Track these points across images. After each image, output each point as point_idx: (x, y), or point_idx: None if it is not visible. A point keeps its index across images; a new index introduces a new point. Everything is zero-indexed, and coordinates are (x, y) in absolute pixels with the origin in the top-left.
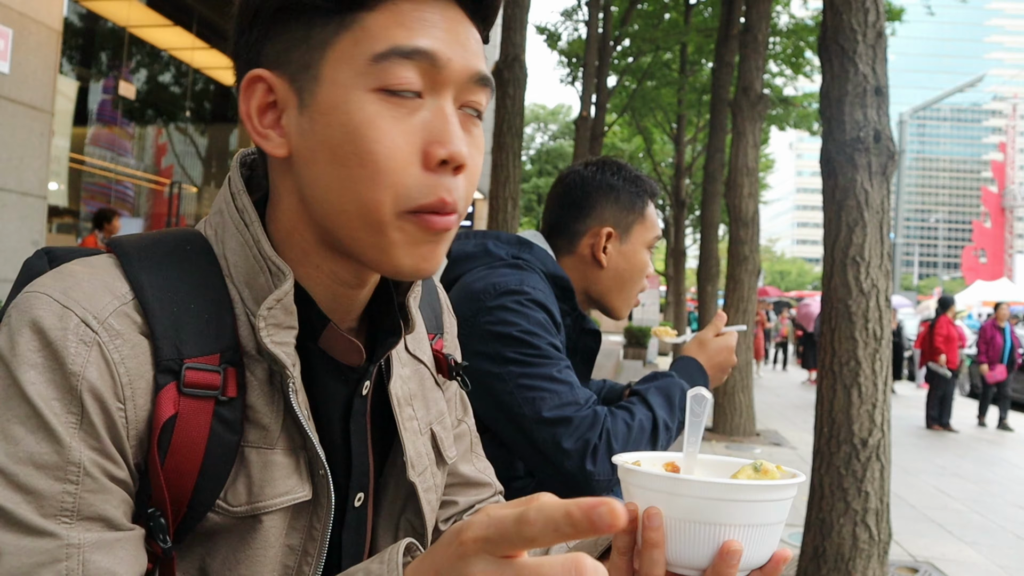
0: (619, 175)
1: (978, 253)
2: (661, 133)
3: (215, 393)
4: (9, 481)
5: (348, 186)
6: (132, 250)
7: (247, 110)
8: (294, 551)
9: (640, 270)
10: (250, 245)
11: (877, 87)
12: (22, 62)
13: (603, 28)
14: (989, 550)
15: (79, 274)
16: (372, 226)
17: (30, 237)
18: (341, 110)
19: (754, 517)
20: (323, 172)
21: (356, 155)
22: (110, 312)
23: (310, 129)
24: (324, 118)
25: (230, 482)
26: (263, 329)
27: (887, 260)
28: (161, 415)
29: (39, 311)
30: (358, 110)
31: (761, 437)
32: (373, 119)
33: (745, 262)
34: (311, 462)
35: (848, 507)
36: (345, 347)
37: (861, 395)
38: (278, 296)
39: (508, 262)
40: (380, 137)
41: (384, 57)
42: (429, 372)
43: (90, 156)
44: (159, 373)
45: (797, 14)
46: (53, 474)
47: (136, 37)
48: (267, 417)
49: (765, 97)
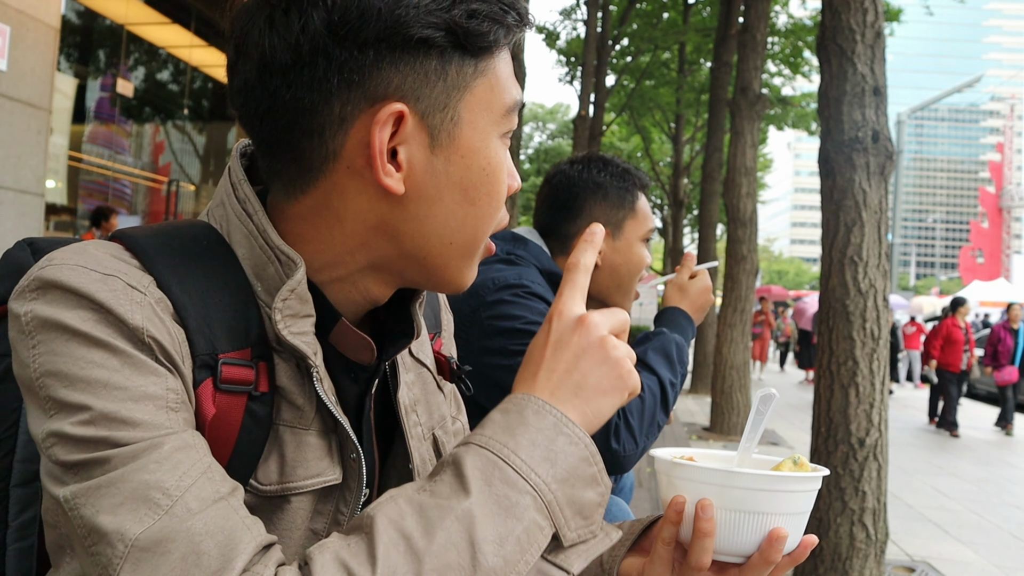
0: (606, 171)
1: (975, 253)
2: (659, 132)
3: (248, 388)
4: (116, 419)
5: (470, 222)
6: (147, 245)
7: (379, 145)
8: (318, 535)
9: (637, 264)
10: (255, 236)
11: (875, 87)
12: (20, 59)
13: (602, 27)
14: (986, 550)
15: (101, 252)
16: (469, 255)
17: (27, 235)
18: (482, 154)
19: (794, 506)
20: (447, 209)
21: (488, 195)
22: (148, 282)
23: (444, 170)
24: (464, 160)
25: (262, 461)
26: (280, 321)
27: (885, 260)
28: (205, 414)
29: (78, 279)
30: (495, 154)
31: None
32: (504, 162)
33: (743, 261)
34: (342, 445)
35: (845, 506)
36: (356, 344)
37: (859, 395)
38: (291, 286)
39: (503, 258)
40: (504, 177)
41: (513, 109)
42: (431, 375)
43: (88, 154)
44: (196, 368)
45: (796, 14)
46: (154, 403)
47: (134, 35)
48: (300, 398)
49: (763, 97)
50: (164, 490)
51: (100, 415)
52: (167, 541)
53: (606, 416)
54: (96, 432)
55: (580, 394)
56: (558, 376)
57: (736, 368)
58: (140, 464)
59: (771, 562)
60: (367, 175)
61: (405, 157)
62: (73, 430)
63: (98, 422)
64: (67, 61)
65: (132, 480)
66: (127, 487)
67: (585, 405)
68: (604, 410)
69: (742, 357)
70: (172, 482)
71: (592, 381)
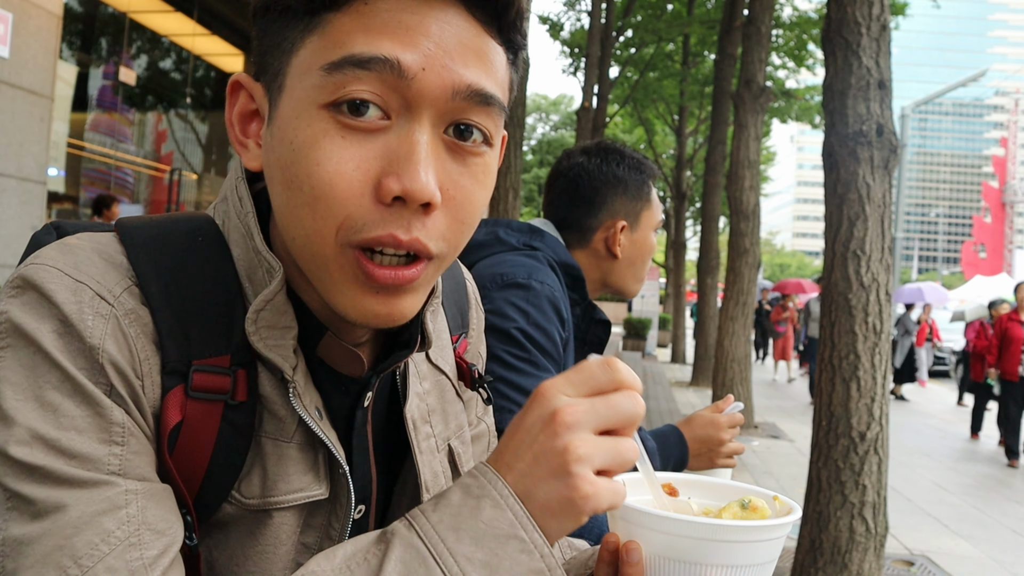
0: (623, 164)
1: (978, 248)
2: (663, 124)
3: (224, 397)
4: (55, 448)
5: (294, 212)
6: (139, 238)
7: (229, 117)
8: (309, 549)
9: (650, 252)
10: (248, 237)
11: (880, 81)
12: (22, 47)
13: (606, 18)
14: (985, 544)
15: (85, 249)
16: (315, 257)
17: (29, 223)
18: (290, 126)
19: (737, 558)
20: (278, 194)
21: (297, 178)
22: (123, 289)
23: (270, 144)
24: (279, 133)
25: (245, 472)
26: (254, 333)
27: (888, 254)
28: (168, 420)
29: (51, 284)
30: (306, 127)
31: (759, 430)
32: (319, 139)
33: (745, 255)
34: (330, 460)
35: (845, 500)
36: (344, 357)
37: (860, 389)
38: (267, 296)
39: (519, 250)
40: (323, 160)
41: (337, 68)
42: (450, 383)
43: (90, 142)
44: (165, 374)
45: (800, 6)
46: (98, 436)
47: (137, 23)
48: (283, 410)
49: (767, 90)
50: (76, 559)
51: (41, 437)
52: None
53: (553, 537)
54: (33, 457)
55: (529, 502)
56: (520, 470)
57: (737, 361)
58: (61, 523)
59: None
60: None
61: (255, 130)
62: (14, 450)
63: (37, 444)
64: (69, 49)
65: (48, 542)
66: (42, 549)
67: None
68: (550, 530)
69: (743, 350)
70: (87, 550)
71: (541, 494)
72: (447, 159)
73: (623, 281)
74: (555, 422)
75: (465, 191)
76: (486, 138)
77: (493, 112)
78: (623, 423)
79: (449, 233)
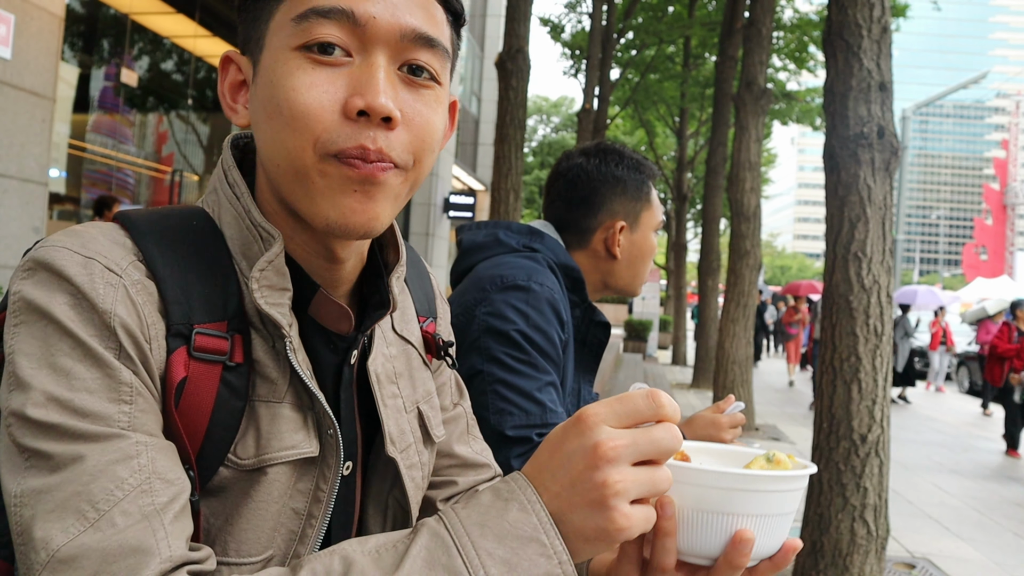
0: (622, 164)
1: (979, 250)
2: (664, 126)
3: (223, 358)
4: (69, 407)
5: (277, 137)
6: (140, 222)
7: (221, 89)
8: (299, 515)
9: (650, 252)
10: (242, 216)
11: (881, 83)
12: (24, 48)
13: (607, 20)
14: (986, 546)
15: (90, 232)
16: (298, 173)
17: (31, 224)
18: (270, 69)
19: (765, 507)
20: (263, 131)
21: (278, 106)
22: (128, 263)
23: (255, 94)
24: (261, 79)
25: (240, 436)
26: (257, 291)
27: (889, 256)
28: (173, 377)
29: (62, 261)
30: (282, 65)
31: (760, 432)
32: (294, 72)
33: (746, 256)
34: (319, 421)
35: (846, 502)
36: (335, 314)
37: (861, 391)
38: (269, 258)
39: (519, 251)
40: (298, 86)
41: (304, 18)
42: (417, 352)
43: (91, 143)
44: (170, 336)
45: (801, 8)
46: (108, 396)
47: (139, 24)
48: (274, 372)
49: (768, 92)
50: (93, 503)
51: (56, 399)
52: (82, 557)
53: (582, 558)
54: (48, 416)
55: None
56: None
57: (738, 363)
58: (78, 471)
59: (737, 567)
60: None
61: (243, 97)
62: (31, 411)
63: (52, 405)
64: (71, 50)
65: (66, 489)
66: (61, 495)
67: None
68: (580, 552)
69: (744, 352)
70: (103, 495)
71: (576, 520)
72: (402, 88)
73: (623, 282)
74: (596, 455)
75: (421, 114)
76: (433, 76)
77: (438, 53)
78: (660, 456)
79: (412, 147)
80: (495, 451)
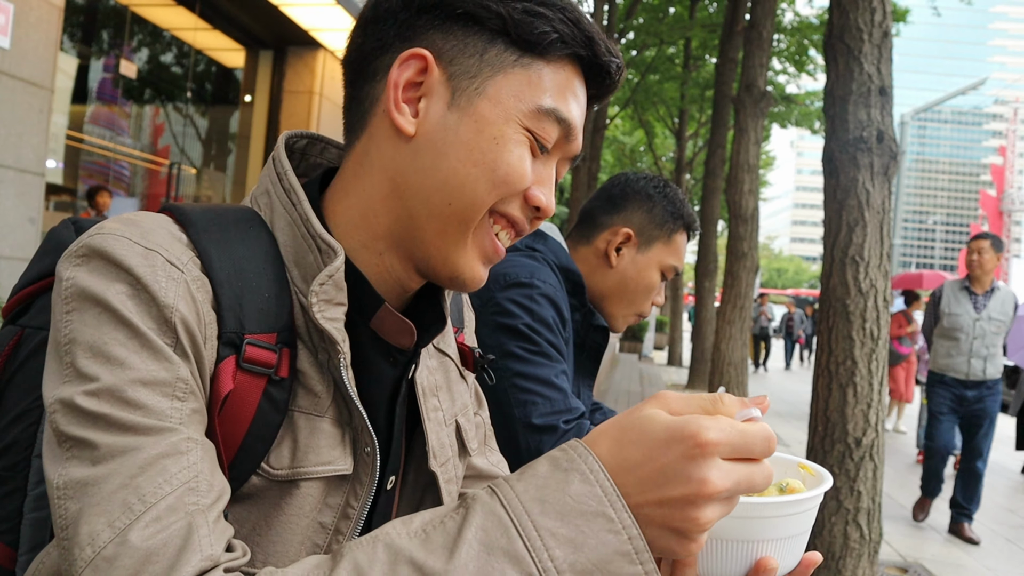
0: (662, 193)
1: None
2: (663, 127)
3: (269, 371)
4: (121, 399)
5: (469, 184)
6: (197, 219)
7: (397, 79)
8: (325, 529)
9: (646, 287)
10: (298, 224)
11: (881, 87)
12: (23, 38)
13: (607, 21)
14: (978, 551)
15: (149, 223)
16: (463, 223)
17: (27, 214)
18: (496, 127)
19: (783, 531)
20: (450, 165)
21: (493, 163)
22: (188, 259)
23: (455, 127)
24: (476, 125)
25: (275, 445)
26: (315, 304)
27: (886, 260)
28: (221, 388)
29: (122, 251)
30: (511, 135)
31: None
32: (518, 146)
33: (744, 259)
34: (355, 438)
35: (840, 506)
36: (397, 328)
37: (856, 395)
38: (330, 272)
39: (521, 251)
40: (515, 161)
41: (548, 113)
42: (454, 364)
43: (89, 134)
44: (221, 344)
45: (802, 12)
46: (161, 390)
47: (138, 16)
48: (319, 385)
49: (768, 94)
50: (141, 495)
51: (107, 389)
52: (125, 553)
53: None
54: (99, 406)
55: (639, 514)
56: (638, 499)
57: (734, 365)
58: (126, 464)
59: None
60: (393, 119)
61: (424, 106)
62: (80, 400)
63: (103, 395)
64: (70, 41)
65: (113, 481)
66: (108, 488)
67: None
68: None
69: (740, 354)
70: (150, 489)
71: (647, 534)
72: None
73: (609, 297)
74: (702, 492)
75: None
76: None
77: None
78: (752, 485)
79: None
80: (524, 440)
